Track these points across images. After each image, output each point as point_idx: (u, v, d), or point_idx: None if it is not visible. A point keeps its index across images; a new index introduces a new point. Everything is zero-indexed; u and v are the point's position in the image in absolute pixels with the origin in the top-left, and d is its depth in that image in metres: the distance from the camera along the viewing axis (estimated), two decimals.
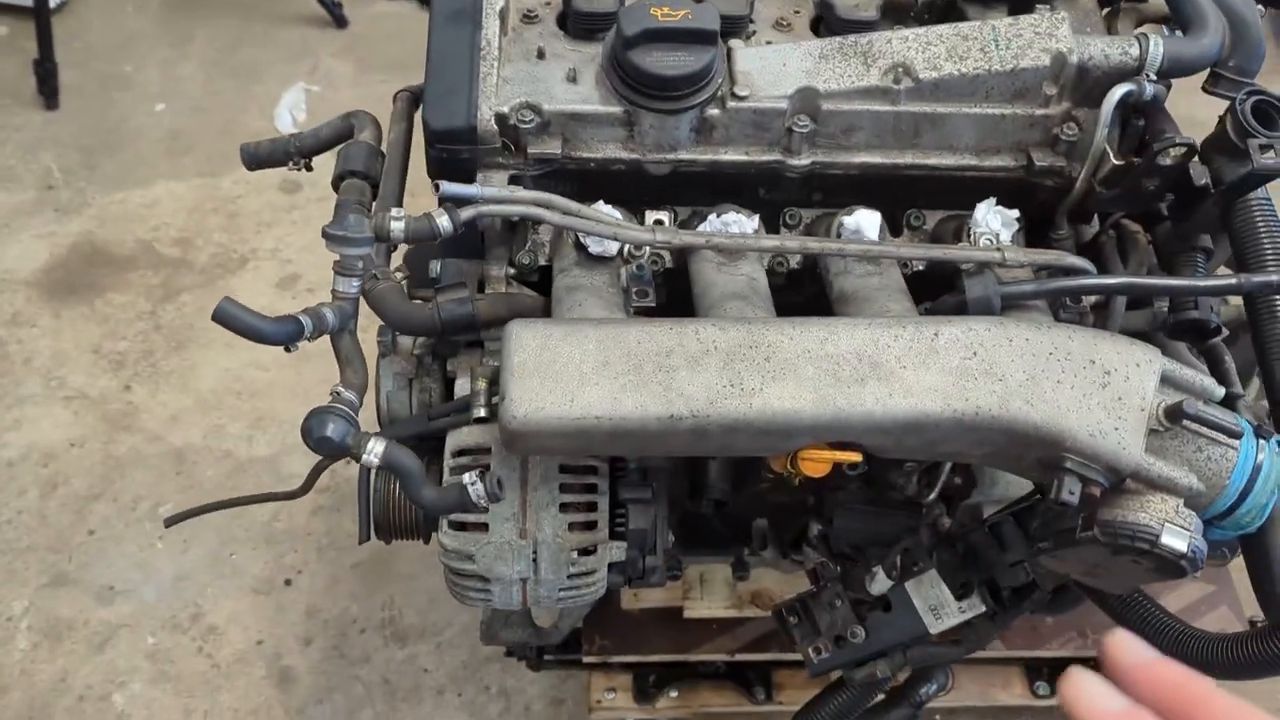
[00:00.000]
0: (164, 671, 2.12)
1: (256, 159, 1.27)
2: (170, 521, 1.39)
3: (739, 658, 1.76)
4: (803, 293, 1.20)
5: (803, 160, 1.11)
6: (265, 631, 2.19)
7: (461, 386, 1.11)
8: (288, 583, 2.26)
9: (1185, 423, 0.91)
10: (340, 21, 3.30)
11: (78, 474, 2.38)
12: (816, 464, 0.98)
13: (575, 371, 0.91)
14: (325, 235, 0.89)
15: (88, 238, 2.79)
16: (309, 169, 1.30)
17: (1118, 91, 1.05)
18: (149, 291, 2.70)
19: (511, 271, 1.15)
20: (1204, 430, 0.91)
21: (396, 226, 0.91)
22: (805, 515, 1.35)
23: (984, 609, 1.17)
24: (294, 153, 1.26)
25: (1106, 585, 1.05)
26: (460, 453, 1.07)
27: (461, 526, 1.05)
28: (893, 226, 1.21)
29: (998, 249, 1.03)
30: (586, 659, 1.76)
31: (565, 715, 2.07)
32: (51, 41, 2.93)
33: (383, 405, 1.17)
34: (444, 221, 0.91)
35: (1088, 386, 0.92)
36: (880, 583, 1.22)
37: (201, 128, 3.04)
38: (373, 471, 1.17)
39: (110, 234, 2.81)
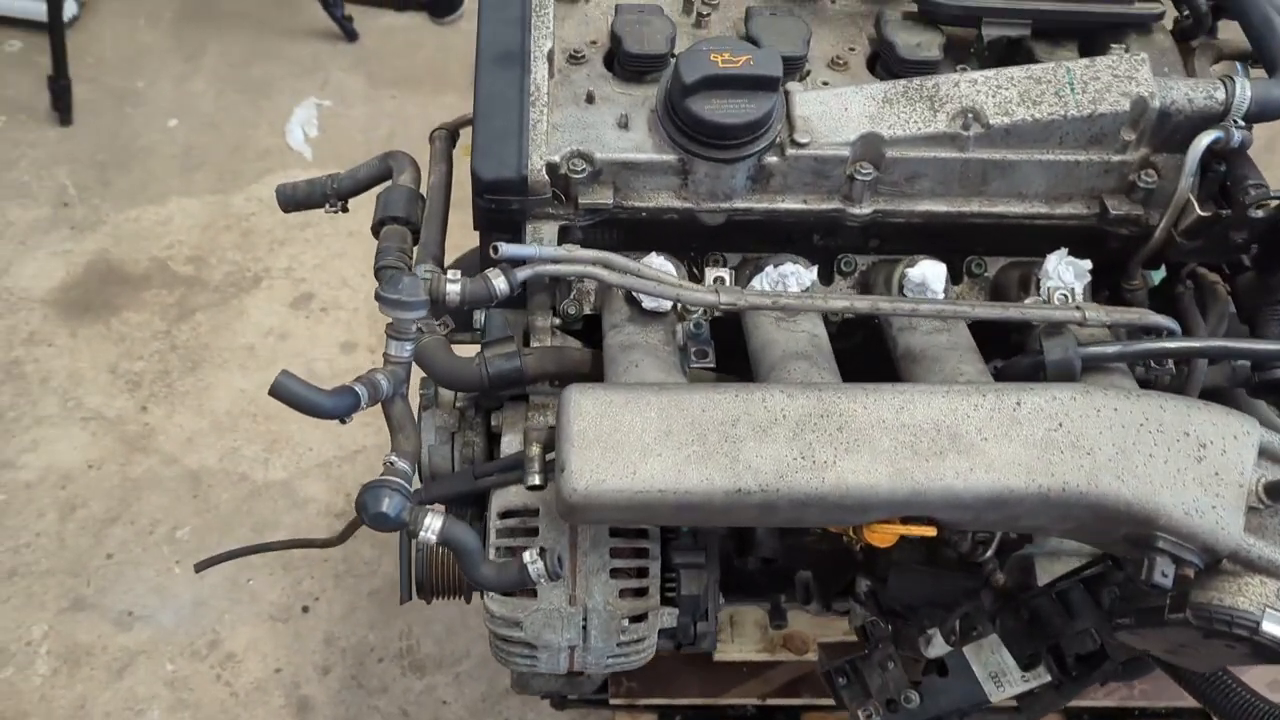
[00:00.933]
0: (183, 699, 2.08)
1: (293, 201, 1.22)
2: (201, 567, 1.35)
3: (770, 702, 1.71)
4: (851, 340, 1.15)
5: (864, 209, 1.06)
6: (283, 659, 2.15)
7: (509, 443, 1.06)
8: (305, 610, 2.22)
9: None
10: (350, 35, 3.25)
11: (95, 496, 2.34)
12: (885, 536, 0.93)
13: (637, 442, 0.86)
14: (379, 299, 0.85)
15: (103, 256, 2.75)
16: (345, 210, 1.25)
17: (1204, 139, 0.99)
18: (164, 311, 2.65)
19: (556, 321, 1.10)
20: None
21: (452, 289, 0.86)
22: (852, 569, 1.30)
23: (1049, 678, 1.12)
24: (331, 194, 1.21)
25: (1190, 664, 1.00)
26: (507, 514, 1.02)
27: (509, 591, 1.01)
28: (952, 273, 1.16)
29: (1077, 307, 0.98)
30: (613, 701, 1.71)
31: None
32: (65, 57, 2.89)
33: (424, 459, 1.12)
34: (500, 283, 0.87)
35: (1182, 460, 0.87)
36: (937, 646, 1.17)
37: (214, 144, 2.99)
38: None
39: (125, 252, 2.76)
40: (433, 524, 0.83)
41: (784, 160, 1.03)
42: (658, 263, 1.03)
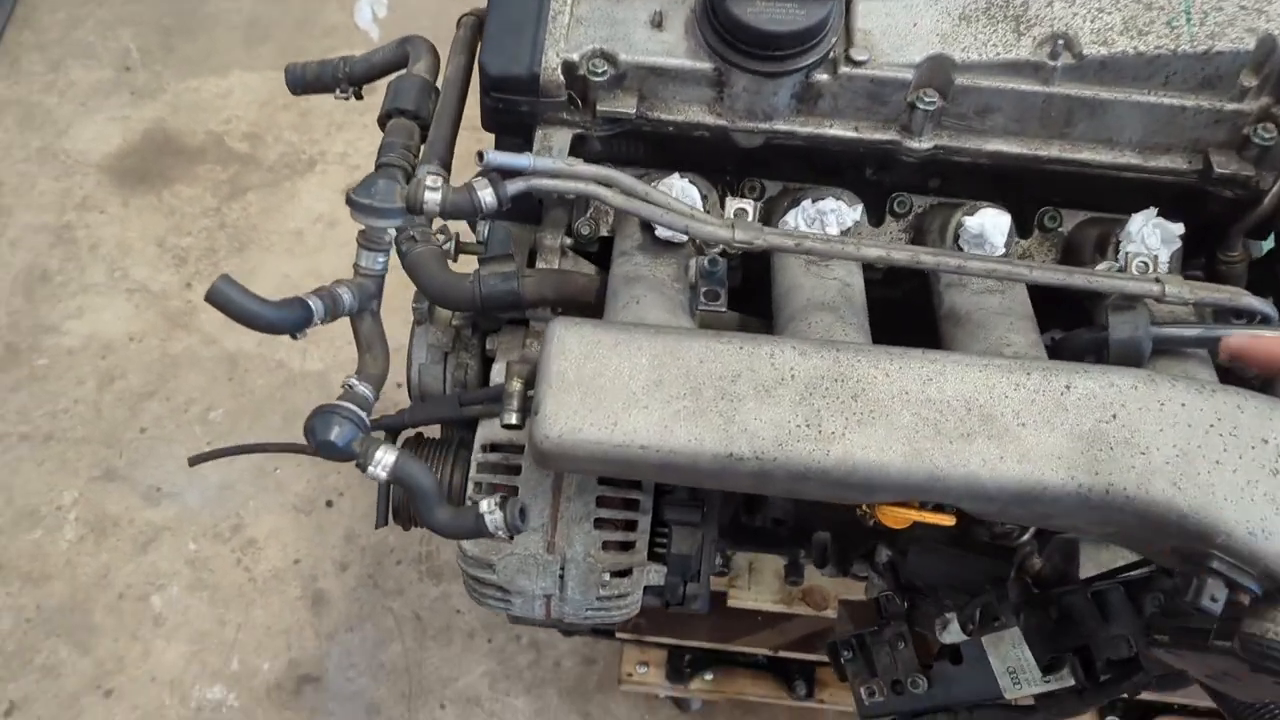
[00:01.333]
0: (202, 579, 2.09)
1: (302, 83, 1.12)
2: (195, 461, 1.30)
3: (782, 654, 1.64)
4: (900, 288, 1.02)
5: (924, 143, 0.92)
6: (303, 551, 2.14)
7: (498, 372, 0.97)
8: (329, 504, 2.20)
9: None
10: None
11: (135, 369, 2.34)
12: (898, 519, 0.83)
13: (623, 390, 0.76)
14: (350, 203, 0.75)
15: (160, 125, 2.70)
16: (359, 97, 1.15)
17: None
18: (216, 187, 2.61)
19: (568, 241, 1.00)
20: None
21: (431, 198, 0.76)
22: (874, 535, 1.19)
23: (1072, 682, 1.01)
24: (342, 79, 1.11)
25: (1231, 692, 0.88)
26: (490, 448, 0.94)
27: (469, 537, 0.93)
28: (1021, 224, 1.02)
29: (1156, 279, 0.84)
30: (619, 636, 1.66)
31: (595, 676, 1.98)
32: None
33: (414, 378, 1.04)
34: (487, 195, 0.76)
35: (1255, 471, 0.74)
36: (953, 633, 1.06)
37: (280, 17, 2.90)
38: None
39: (183, 123, 2.71)
40: (384, 459, 0.75)
41: (835, 79, 0.90)
42: (677, 186, 0.92)
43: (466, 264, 1.11)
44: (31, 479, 2.16)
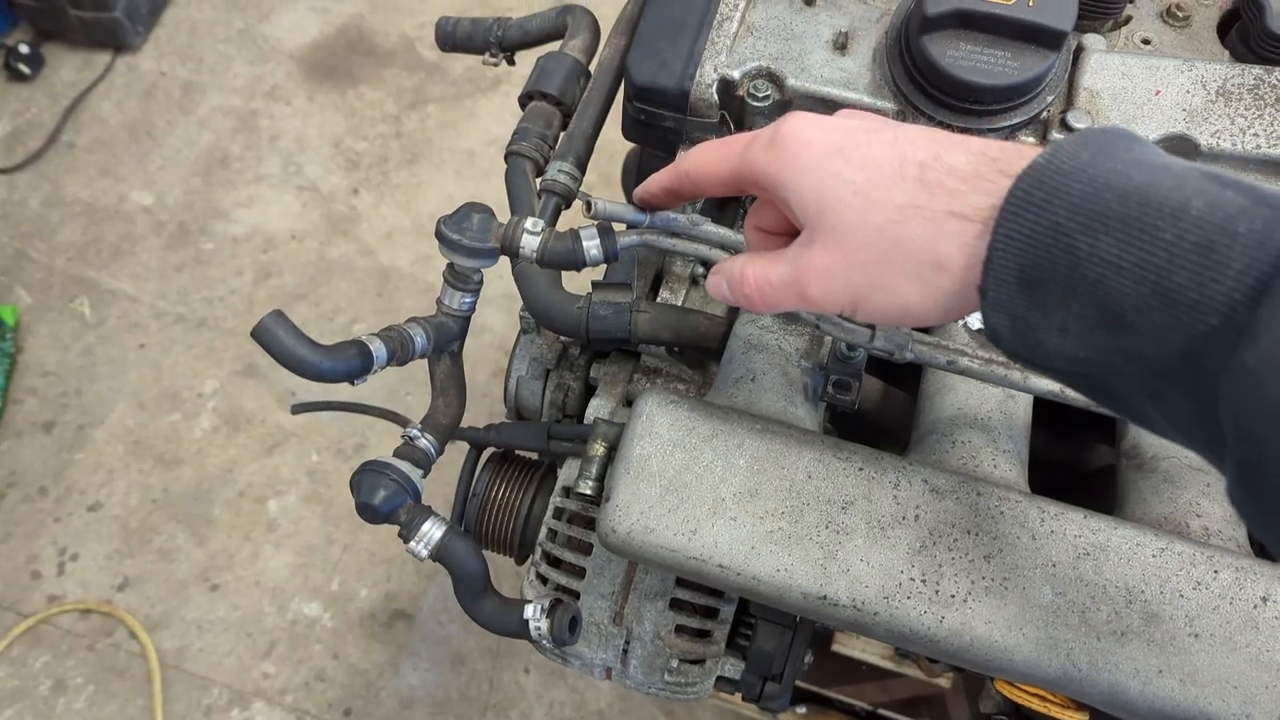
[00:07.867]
0: (319, 493, 2.13)
1: (452, 41, 1.03)
2: (297, 410, 1.27)
3: (882, 713, 1.51)
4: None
5: None
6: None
7: (595, 408, 0.87)
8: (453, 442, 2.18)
9: None
10: None
11: (291, 268, 2.37)
12: (1020, 697, 0.69)
13: (711, 493, 0.65)
14: (439, 235, 0.66)
15: (357, 22, 2.70)
16: (511, 64, 1.06)
17: None
18: (399, 94, 2.59)
19: (701, 271, 0.88)
20: None
21: (529, 242, 0.66)
22: None
23: None
24: (494, 42, 1.02)
25: None
26: (572, 494, 0.85)
27: (545, 581, 0.85)
28: None
29: None
30: None
31: None
32: None
33: (511, 389, 0.96)
34: (592, 248, 0.65)
35: None
36: None
37: None
38: (480, 461, 0.97)
39: (379, 22, 2.70)
40: (429, 534, 0.67)
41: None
42: None
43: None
44: (180, 362, 2.23)
